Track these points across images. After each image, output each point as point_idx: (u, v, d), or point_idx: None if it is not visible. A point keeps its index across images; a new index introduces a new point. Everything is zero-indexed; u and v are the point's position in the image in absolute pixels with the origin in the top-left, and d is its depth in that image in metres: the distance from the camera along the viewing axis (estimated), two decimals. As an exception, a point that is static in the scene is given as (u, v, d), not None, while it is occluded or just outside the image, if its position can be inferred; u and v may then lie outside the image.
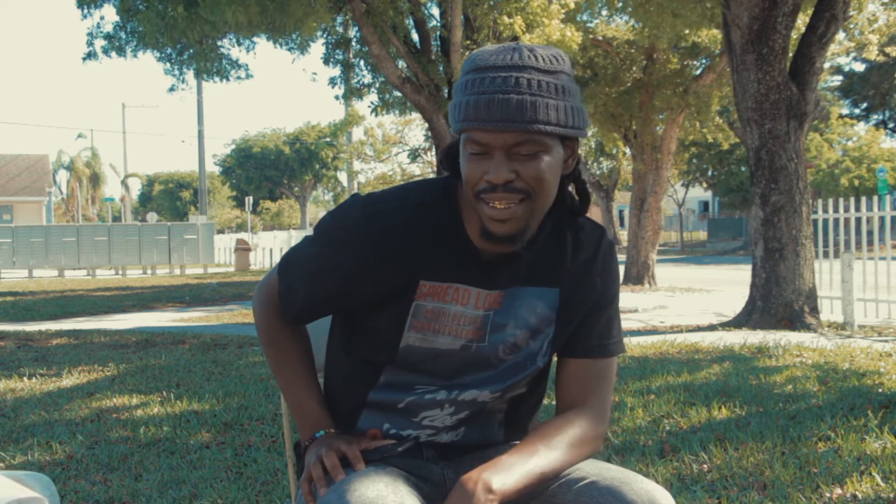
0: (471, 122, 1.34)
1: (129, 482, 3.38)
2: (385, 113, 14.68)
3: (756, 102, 8.25)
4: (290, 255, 1.58)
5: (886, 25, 13.89)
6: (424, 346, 1.50)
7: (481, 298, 1.49)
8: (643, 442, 3.79)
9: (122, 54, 12.84)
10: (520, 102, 1.32)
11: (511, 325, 1.51)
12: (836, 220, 9.23)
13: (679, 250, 38.66)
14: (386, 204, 1.47)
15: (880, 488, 3.03)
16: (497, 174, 1.34)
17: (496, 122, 1.32)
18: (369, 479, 1.39)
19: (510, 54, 1.36)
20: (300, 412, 1.58)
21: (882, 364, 5.64)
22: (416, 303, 1.47)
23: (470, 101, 1.34)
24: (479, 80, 1.35)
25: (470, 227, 1.46)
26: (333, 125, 42.38)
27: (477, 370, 1.53)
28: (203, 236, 24.76)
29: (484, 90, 1.34)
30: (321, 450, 1.48)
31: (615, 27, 16.37)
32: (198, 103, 32.44)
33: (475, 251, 1.47)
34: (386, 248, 1.44)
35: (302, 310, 1.57)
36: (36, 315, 11.67)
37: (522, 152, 1.34)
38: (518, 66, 1.34)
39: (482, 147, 1.35)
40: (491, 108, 1.32)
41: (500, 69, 1.35)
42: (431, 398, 1.53)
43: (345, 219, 1.48)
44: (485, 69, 1.35)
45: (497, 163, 1.34)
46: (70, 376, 6.03)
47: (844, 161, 31.43)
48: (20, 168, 43.93)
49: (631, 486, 1.38)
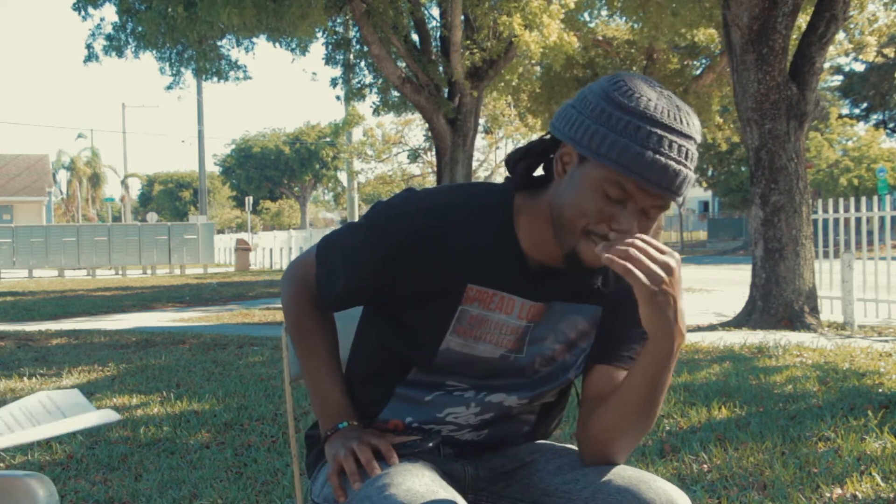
0: (634, 175, 1.29)
1: (129, 482, 3.38)
2: (385, 113, 14.70)
3: (756, 102, 8.25)
4: (330, 240, 1.54)
5: (886, 26, 13.88)
6: (464, 350, 1.47)
7: (525, 309, 1.46)
8: (643, 442, 3.79)
9: (121, 55, 12.85)
10: (684, 179, 1.31)
11: (550, 339, 1.50)
12: (836, 220, 9.22)
13: (679, 250, 38.66)
14: (441, 200, 1.45)
15: (880, 488, 3.03)
16: (626, 226, 1.32)
17: (661, 187, 1.30)
18: (411, 474, 1.36)
19: (677, 114, 1.32)
20: (323, 401, 1.53)
21: (882, 364, 5.64)
22: (461, 307, 1.44)
23: (642, 157, 1.28)
24: (655, 136, 1.30)
25: (523, 237, 1.44)
26: (333, 125, 42.38)
27: (509, 377, 1.51)
28: (203, 236, 24.75)
29: (662, 151, 1.29)
30: (350, 443, 1.44)
31: (615, 27, 16.39)
32: (198, 103, 32.47)
33: (524, 261, 1.44)
34: (439, 242, 1.42)
35: (340, 298, 1.53)
36: (36, 315, 11.67)
37: (653, 214, 1.35)
38: (688, 135, 1.32)
39: (625, 196, 1.32)
40: (665, 176, 1.29)
41: (679, 137, 1.31)
42: (459, 395, 1.50)
43: (398, 209, 1.45)
44: (660, 127, 1.30)
45: (630, 215, 1.33)
46: (70, 376, 6.03)
47: (844, 161, 31.43)
48: (20, 168, 43.94)
49: (649, 486, 1.37)
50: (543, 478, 1.50)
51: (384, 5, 11.31)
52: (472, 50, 11.85)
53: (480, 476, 1.54)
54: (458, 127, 12.31)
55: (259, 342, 7.66)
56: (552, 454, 1.55)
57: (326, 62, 14.47)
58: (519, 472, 1.54)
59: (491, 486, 1.54)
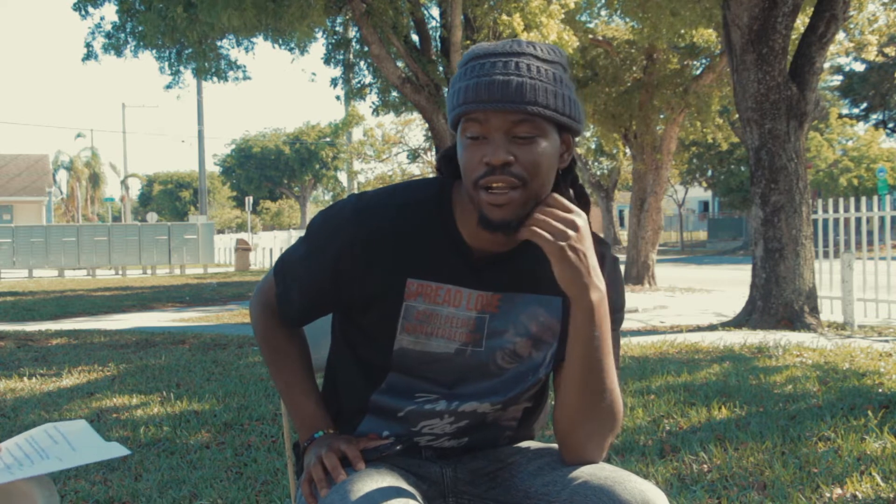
0: (470, 105, 1.35)
1: (129, 482, 3.38)
2: (385, 113, 14.69)
3: (756, 102, 8.25)
4: (283, 258, 1.58)
5: (886, 26, 13.87)
6: (418, 349, 1.48)
7: (472, 299, 1.47)
8: (643, 442, 3.79)
9: (120, 54, 12.84)
10: (520, 84, 1.34)
11: (510, 332, 1.49)
12: (836, 220, 9.23)
13: (679, 250, 38.65)
14: (375, 201, 1.48)
15: (880, 488, 3.03)
16: (496, 155, 1.33)
17: (496, 101, 1.33)
18: (371, 479, 1.38)
19: (509, 44, 1.38)
20: (298, 413, 1.57)
21: (882, 364, 5.64)
22: (405, 304, 1.46)
23: (470, 84, 1.35)
24: (478, 65, 1.37)
25: (463, 227, 1.45)
26: (333, 125, 42.37)
27: (477, 378, 1.51)
28: (203, 236, 24.75)
29: (484, 73, 1.35)
30: (321, 450, 1.47)
31: (615, 27, 16.38)
32: (198, 103, 32.47)
33: (468, 251, 1.46)
34: (373, 246, 1.44)
35: (299, 311, 1.56)
36: (36, 315, 11.67)
37: (521, 134, 1.34)
38: (517, 52, 1.37)
39: (480, 129, 1.35)
40: (491, 89, 1.33)
41: (500, 55, 1.37)
42: (431, 408, 1.51)
43: (335, 217, 1.49)
44: (483, 56, 1.37)
45: (495, 145, 1.34)
46: (70, 376, 6.03)
47: (843, 161, 31.44)
48: (20, 168, 43.93)
49: (624, 486, 1.36)
50: (524, 479, 1.50)
51: (384, 5, 11.30)
52: (472, 50, 11.85)
53: (460, 478, 1.54)
54: (458, 127, 12.31)
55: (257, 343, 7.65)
56: (533, 455, 1.55)
57: (326, 62, 14.45)
58: (500, 474, 1.54)
59: (472, 489, 1.54)
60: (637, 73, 15.50)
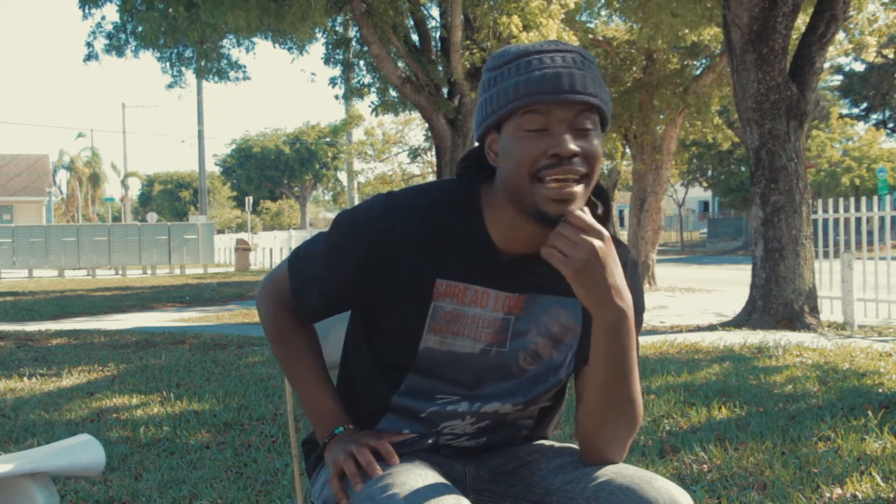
0: (534, 96, 1.31)
1: (129, 482, 3.38)
2: (385, 113, 14.68)
3: (756, 102, 8.25)
4: (301, 252, 1.55)
5: (886, 26, 13.86)
6: (443, 348, 1.47)
7: (500, 301, 1.46)
8: (643, 442, 3.79)
9: (121, 54, 12.84)
10: (582, 76, 1.33)
11: (533, 332, 1.49)
12: (836, 220, 9.23)
13: (679, 250, 38.66)
14: (404, 200, 1.46)
15: (880, 488, 3.03)
16: (564, 147, 1.31)
17: (563, 93, 1.31)
18: (413, 474, 1.35)
19: (548, 43, 1.36)
20: (315, 409, 1.54)
21: (882, 364, 5.64)
22: (434, 304, 1.45)
23: (531, 78, 1.32)
24: (529, 61, 1.34)
25: (492, 228, 1.44)
26: (333, 125, 42.38)
27: (498, 379, 1.50)
28: (203, 236, 24.75)
29: (543, 67, 1.33)
30: (348, 446, 1.44)
31: (615, 27, 16.38)
32: (198, 103, 32.46)
33: (495, 252, 1.45)
34: (402, 246, 1.42)
35: (316, 307, 1.54)
36: (36, 315, 11.67)
37: (585, 125, 1.33)
38: (563, 49, 1.35)
39: (543, 121, 1.32)
40: (560, 81, 1.31)
41: (548, 51, 1.35)
42: (453, 409, 1.50)
43: (363, 216, 1.46)
44: (530, 53, 1.35)
45: (561, 136, 1.32)
46: (70, 376, 6.03)
47: (844, 161, 31.44)
48: (20, 168, 43.93)
49: (651, 485, 1.36)
50: (545, 476, 1.50)
51: (384, 5, 11.30)
52: (472, 50, 11.84)
53: (481, 476, 1.54)
54: (458, 127, 12.30)
55: (259, 342, 7.65)
56: (553, 453, 1.55)
57: (326, 62, 14.46)
58: (520, 472, 1.54)
59: (492, 486, 1.54)
60: (637, 74, 15.49)
